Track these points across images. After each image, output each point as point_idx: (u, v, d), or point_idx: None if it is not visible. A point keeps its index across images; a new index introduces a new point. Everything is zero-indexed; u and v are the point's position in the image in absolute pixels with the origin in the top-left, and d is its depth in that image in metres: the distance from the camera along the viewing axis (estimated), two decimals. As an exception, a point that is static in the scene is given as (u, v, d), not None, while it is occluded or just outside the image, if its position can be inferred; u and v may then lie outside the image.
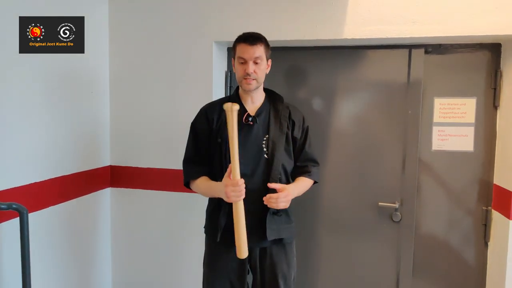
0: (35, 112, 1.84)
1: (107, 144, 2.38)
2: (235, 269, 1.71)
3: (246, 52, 1.62)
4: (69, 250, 2.11)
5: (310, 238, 2.30)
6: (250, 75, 1.63)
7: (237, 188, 1.51)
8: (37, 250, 1.84)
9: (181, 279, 2.34)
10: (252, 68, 1.62)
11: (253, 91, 1.70)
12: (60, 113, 2.00)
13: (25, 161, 1.79)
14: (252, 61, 1.62)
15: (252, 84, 1.65)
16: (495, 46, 2.04)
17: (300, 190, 1.75)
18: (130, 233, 2.39)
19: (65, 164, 2.04)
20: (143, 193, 2.35)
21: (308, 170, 1.79)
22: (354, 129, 2.23)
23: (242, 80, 1.66)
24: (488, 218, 2.09)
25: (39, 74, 1.86)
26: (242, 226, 1.54)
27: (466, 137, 2.11)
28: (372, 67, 2.19)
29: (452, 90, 2.11)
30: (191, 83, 2.22)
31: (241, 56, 1.63)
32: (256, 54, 1.62)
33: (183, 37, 2.22)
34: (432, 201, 2.16)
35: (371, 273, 2.24)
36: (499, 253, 2.00)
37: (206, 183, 1.69)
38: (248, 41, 1.62)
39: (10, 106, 1.71)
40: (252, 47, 1.62)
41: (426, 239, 2.18)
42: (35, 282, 1.74)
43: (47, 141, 1.92)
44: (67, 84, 2.03)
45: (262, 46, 1.65)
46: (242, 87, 1.69)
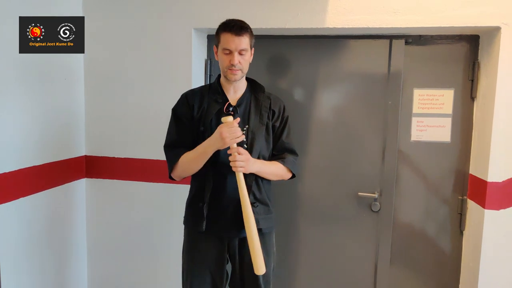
0: (6, 101, 1.76)
1: (82, 132, 2.30)
2: (214, 258, 1.69)
3: (232, 43, 1.57)
4: (42, 244, 2.04)
5: (290, 228, 2.31)
6: (236, 66, 1.59)
7: (232, 129, 1.50)
8: (7, 244, 1.77)
9: (160, 271, 2.30)
10: (237, 59, 1.59)
11: (237, 81, 1.67)
12: (32, 100, 1.92)
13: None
14: (238, 52, 1.59)
15: (238, 75, 1.63)
16: (474, 38, 2.07)
17: (266, 167, 1.68)
18: (106, 225, 2.33)
19: (37, 154, 1.96)
20: (120, 183, 2.29)
21: (283, 157, 1.75)
22: (334, 119, 2.23)
23: (227, 71, 1.62)
24: (463, 207, 2.13)
25: (10, 60, 1.77)
26: (257, 241, 1.53)
27: (443, 128, 2.14)
28: (353, 58, 2.18)
29: (431, 81, 2.13)
30: (169, 71, 2.17)
31: (226, 47, 1.59)
32: (242, 46, 1.58)
33: (161, 23, 2.16)
34: (410, 191, 2.19)
35: (350, 262, 2.26)
36: (474, 241, 2.05)
37: (193, 150, 1.64)
38: (234, 31, 1.57)
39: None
40: (238, 38, 1.57)
41: (404, 228, 2.21)
42: (6, 278, 1.68)
43: (17, 129, 1.84)
44: (39, 70, 1.95)
45: (247, 37, 1.61)
46: (226, 77, 1.66)
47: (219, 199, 1.65)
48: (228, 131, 1.51)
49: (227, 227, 1.65)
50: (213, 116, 1.65)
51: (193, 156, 1.63)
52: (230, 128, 1.51)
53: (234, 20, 1.62)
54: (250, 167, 1.59)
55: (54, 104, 2.06)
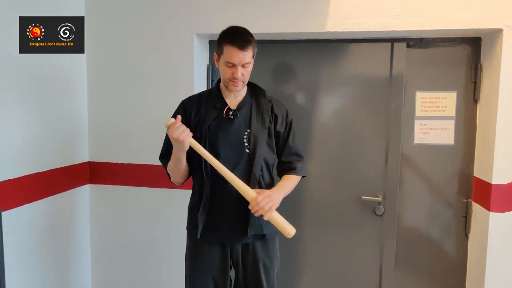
0: (9, 106, 1.77)
1: (85, 139, 2.31)
2: (217, 265, 1.69)
3: (236, 57, 1.55)
4: (47, 250, 2.05)
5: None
6: (238, 79, 1.59)
7: (175, 128, 1.49)
8: (12, 250, 1.77)
9: (163, 277, 2.30)
10: (240, 72, 1.57)
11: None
12: (36, 107, 1.93)
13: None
14: (241, 66, 1.57)
15: (239, 86, 1.62)
16: (475, 40, 2.06)
17: (287, 189, 1.70)
18: (110, 231, 2.34)
19: (41, 160, 1.97)
20: (123, 189, 2.29)
21: (293, 166, 1.74)
22: (337, 123, 2.22)
23: (228, 82, 1.61)
24: (468, 210, 2.12)
25: (14, 68, 1.79)
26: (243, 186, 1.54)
27: (447, 131, 2.13)
28: (355, 61, 2.18)
29: (433, 84, 2.13)
30: (172, 76, 2.18)
31: (229, 61, 1.56)
32: (245, 60, 1.57)
33: (163, 29, 2.17)
34: (414, 194, 2.18)
35: (355, 267, 2.25)
36: (479, 244, 2.03)
37: (171, 158, 1.64)
38: (238, 44, 1.53)
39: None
40: (243, 52, 1.55)
41: (408, 231, 2.20)
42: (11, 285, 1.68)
43: (22, 136, 1.85)
44: (42, 77, 1.96)
45: (251, 50, 1.59)
46: (228, 88, 1.65)
47: (219, 205, 1.64)
48: (174, 131, 1.49)
49: (229, 233, 1.64)
50: (211, 122, 1.64)
51: (172, 164, 1.65)
52: (174, 128, 1.49)
53: (238, 31, 1.59)
54: (277, 199, 1.59)
55: (57, 111, 2.07)
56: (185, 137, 1.49)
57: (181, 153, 1.57)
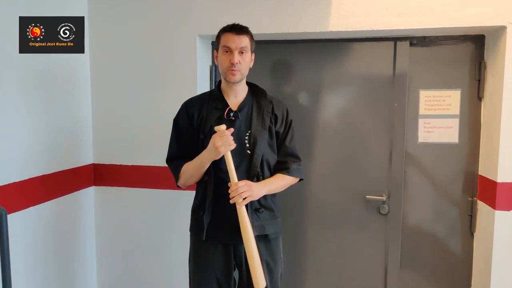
0: (13, 109, 1.78)
1: (90, 141, 2.32)
2: (221, 265, 1.69)
3: (232, 41, 1.59)
4: (52, 252, 2.06)
5: (298, 233, 2.29)
6: (235, 66, 1.59)
7: (224, 137, 1.50)
8: (17, 252, 1.78)
9: (168, 278, 2.30)
10: (237, 58, 1.59)
11: (236, 84, 1.66)
12: (40, 110, 1.94)
13: (3, 160, 1.73)
14: (238, 51, 1.59)
15: (237, 75, 1.62)
16: (479, 38, 2.05)
17: (272, 187, 1.67)
18: (115, 232, 2.34)
19: (45, 163, 1.98)
20: (128, 191, 2.30)
21: (287, 166, 1.72)
22: (341, 123, 2.22)
23: (226, 71, 1.62)
24: (473, 208, 2.11)
25: (18, 70, 1.79)
26: (256, 255, 1.53)
27: (451, 129, 2.12)
28: (358, 60, 2.18)
29: (437, 82, 2.12)
30: (175, 78, 2.18)
31: (226, 45, 1.60)
32: (242, 44, 1.60)
33: (166, 31, 2.17)
34: (419, 193, 2.17)
35: (360, 266, 2.24)
36: (485, 243, 2.02)
37: (192, 161, 1.65)
38: (234, 30, 1.60)
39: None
40: (238, 37, 1.59)
41: (413, 230, 2.19)
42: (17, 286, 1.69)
43: (26, 139, 1.86)
44: (46, 80, 1.97)
45: (247, 37, 1.63)
46: (226, 79, 1.65)
47: (222, 206, 1.64)
48: (220, 139, 1.51)
49: (232, 234, 1.63)
50: (213, 123, 1.64)
51: (192, 167, 1.65)
52: (222, 137, 1.51)
53: (234, 23, 1.65)
54: (258, 192, 1.58)
55: (62, 114, 2.08)
56: (225, 150, 1.52)
57: (210, 159, 1.58)
